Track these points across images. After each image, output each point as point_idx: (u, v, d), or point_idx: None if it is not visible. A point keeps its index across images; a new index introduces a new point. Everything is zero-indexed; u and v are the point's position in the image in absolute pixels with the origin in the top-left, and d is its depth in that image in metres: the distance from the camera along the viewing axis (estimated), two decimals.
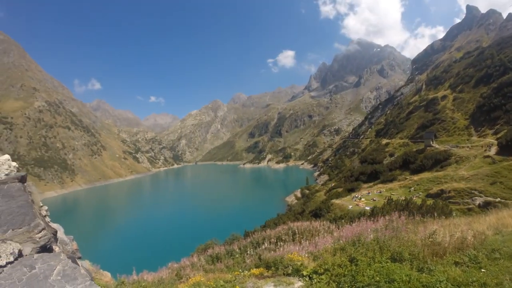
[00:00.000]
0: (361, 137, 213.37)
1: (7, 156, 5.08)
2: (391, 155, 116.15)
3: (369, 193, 78.19)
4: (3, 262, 2.66)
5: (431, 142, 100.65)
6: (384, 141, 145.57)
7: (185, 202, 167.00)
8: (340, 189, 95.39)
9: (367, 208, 50.18)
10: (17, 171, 4.76)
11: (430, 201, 41.40)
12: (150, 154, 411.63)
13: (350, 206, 63.72)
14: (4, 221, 3.28)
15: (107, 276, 9.23)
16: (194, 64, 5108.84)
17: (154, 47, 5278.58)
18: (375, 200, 66.96)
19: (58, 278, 2.57)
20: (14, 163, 4.88)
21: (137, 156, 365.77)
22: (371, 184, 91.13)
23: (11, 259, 2.73)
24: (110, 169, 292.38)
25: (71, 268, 2.74)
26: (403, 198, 46.22)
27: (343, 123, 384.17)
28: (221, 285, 8.34)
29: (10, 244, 2.92)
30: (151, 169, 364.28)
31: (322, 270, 7.82)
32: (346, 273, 7.04)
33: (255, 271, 9.93)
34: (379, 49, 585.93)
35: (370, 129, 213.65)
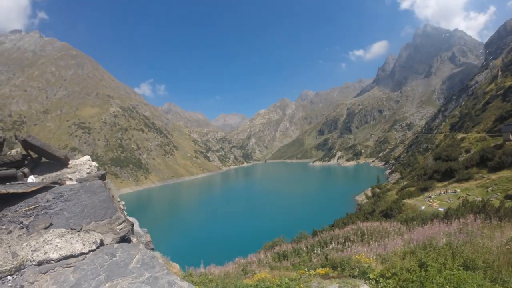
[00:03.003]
0: (434, 132, 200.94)
1: (87, 157, 5.64)
2: (467, 151, 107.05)
3: (443, 192, 73.24)
4: (86, 250, 2.98)
5: (511, 136, 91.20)
6: (459, 135, 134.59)
7: (254, 199, 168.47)
8: (412, 188, 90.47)
9: (441, 209, 47.05)
10: (97, 170, 5.26)
11: (509, 203, 37.55)
12: (220, 153, 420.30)
13: (423, 207, 60.17)
14: (88, 213, 3.66)
15: (175, 267, 9.73)
16: (260, 63, 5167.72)
17: (221, 48, 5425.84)
18: (449, 200, 62.58)
19: (137, 266, 2.78)
20: (94, 163, 5.40)
21: (208, 155, 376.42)
22: (445, 183, 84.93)
23: (94, 247, 3.04)
24: (182, 167, 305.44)
25: (149, 258, 2.95)
26: (480, 199, 42.61)
27: (415, 117, 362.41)
28: (286, 283, 8.38)
29: (93, 234, 3.26)
30: (222, 167, 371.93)
31: (390, 274, 7.56)
32: (414, 278, 6.70)
33: (320, 270, 9.85)
34: (448, 34, 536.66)
35: (444, 123, 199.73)
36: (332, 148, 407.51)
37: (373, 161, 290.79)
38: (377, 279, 7.75)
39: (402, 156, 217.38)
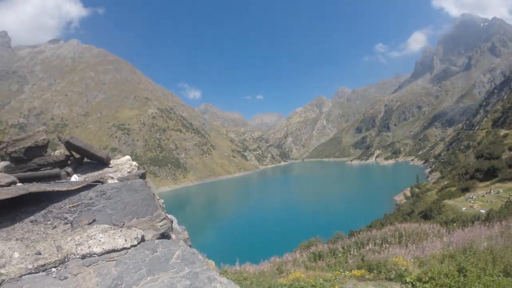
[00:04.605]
0: (476, 128, 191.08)
1: (127, 157, 5.87)
2: (510, 149, 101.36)
3: (485, 193, 70.11)
4: (128, 245, 3.12)
5: None
6: (502, 132, 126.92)
7: (291, 198, 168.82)
8: (453, 188, 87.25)
9: (482, 211, 45.10)
10: (137, 169, 5.46)
11: None
12: (257, 152, 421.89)
13: (464, 208, 57.95)
14: (129, 211, 3.82)
15: (211, 264, 9.93)
16: (295, 62, 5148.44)
17: (256, 47, 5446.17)
18: (491, 201, 59.81)
19: (178, 261, 2.88)
20: (134, 162, 5.61)
21: (245, 154, 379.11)
22: (487, 183, 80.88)
23: (135, 243, 3.18)
24: (219, 166, 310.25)
25: (189, 254, 3.06)
26: None
27: (455, 113, 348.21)
28: (320, 283, 8.34)
29: (135, 230, 3.40)
30: (259, 166, 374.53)
31: (427, 278, 7.34)
32: (452, 284, 6.50)
33: (356, 272, 9.75)
34: (486, 23, 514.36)
35: (485, 119, 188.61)
36: (370, 146, 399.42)
37: (412, 160, 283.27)
38: (413, 283, 7.55)
39: (442, 154, 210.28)
